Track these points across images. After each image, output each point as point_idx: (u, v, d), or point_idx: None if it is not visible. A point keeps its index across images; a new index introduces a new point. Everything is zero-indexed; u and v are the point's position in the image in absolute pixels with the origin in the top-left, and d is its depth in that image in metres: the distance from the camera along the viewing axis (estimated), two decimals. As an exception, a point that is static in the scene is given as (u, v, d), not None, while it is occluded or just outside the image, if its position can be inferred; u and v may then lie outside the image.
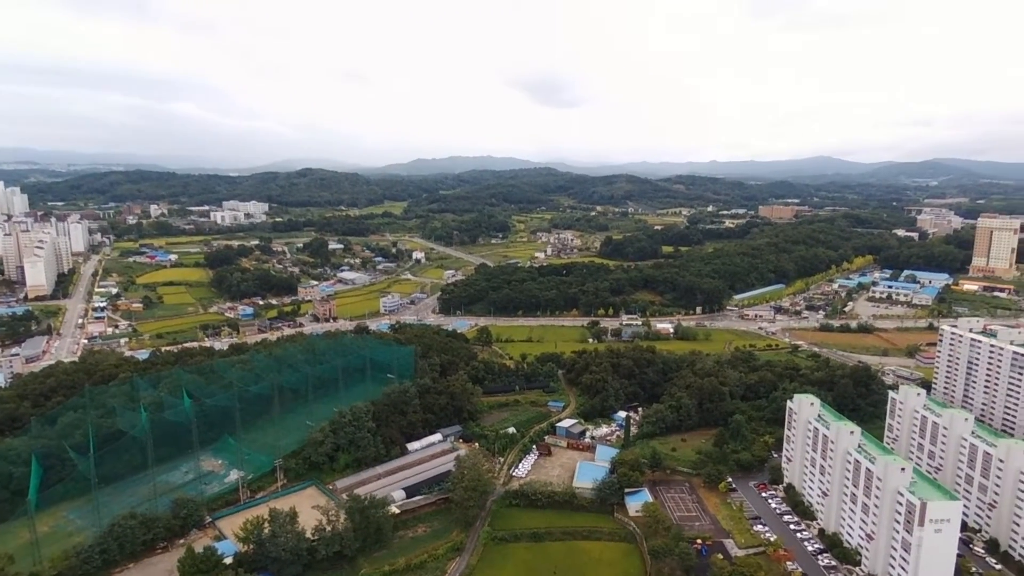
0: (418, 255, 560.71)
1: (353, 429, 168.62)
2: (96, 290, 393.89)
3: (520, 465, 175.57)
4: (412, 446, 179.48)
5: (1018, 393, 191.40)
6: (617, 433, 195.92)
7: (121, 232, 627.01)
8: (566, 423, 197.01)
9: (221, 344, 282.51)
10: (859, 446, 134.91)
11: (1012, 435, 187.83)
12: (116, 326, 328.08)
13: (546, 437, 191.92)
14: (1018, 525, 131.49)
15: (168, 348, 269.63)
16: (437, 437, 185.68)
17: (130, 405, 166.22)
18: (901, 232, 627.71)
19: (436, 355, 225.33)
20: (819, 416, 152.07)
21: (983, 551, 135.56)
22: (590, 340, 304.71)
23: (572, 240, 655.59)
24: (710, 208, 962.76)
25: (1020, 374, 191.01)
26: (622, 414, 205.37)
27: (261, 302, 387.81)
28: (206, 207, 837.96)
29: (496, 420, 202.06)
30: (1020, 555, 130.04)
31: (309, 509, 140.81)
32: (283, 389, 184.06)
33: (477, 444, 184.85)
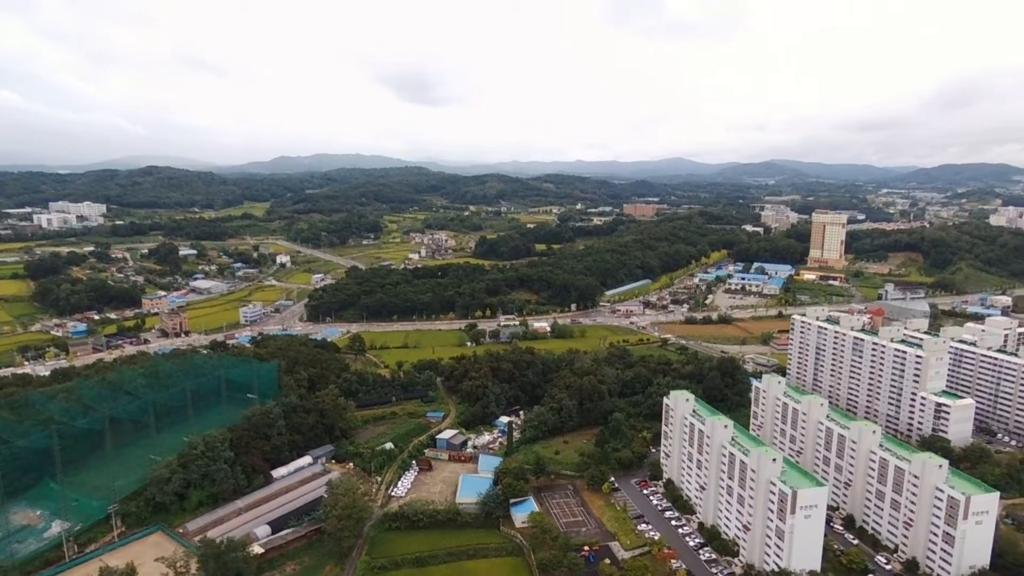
0: (283, 259, 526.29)
1: (207, 461, 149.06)
2: None
3: (399, 483, 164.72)
4: (278, 473, 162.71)
5: (859, 375, 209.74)
6: (500, 440, 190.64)
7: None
8: (447, 434, 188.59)
9: (45, 368, 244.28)
10: (733, 439, 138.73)
11: (855, 413, 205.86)
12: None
13: (426, 451, 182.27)
14: (870, 501, 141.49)
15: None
16: (307, 460, 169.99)
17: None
18: (749, 227, 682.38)
19: (303, 369, 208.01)
20: (694, 411, 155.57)
21: (842, 528, 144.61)
22: (468, 343, 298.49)
23: (447, 240, 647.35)
24: (579, 206, 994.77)
25: (860, 357, 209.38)
26: (504, 420, 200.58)
27: (97, 317, 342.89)
28: (28, 209, 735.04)
29: (372, 435, 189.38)
30: (874, 529, 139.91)
31: (153, 561, 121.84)
32: (118, 420, 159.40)
33: (352, 464, 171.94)
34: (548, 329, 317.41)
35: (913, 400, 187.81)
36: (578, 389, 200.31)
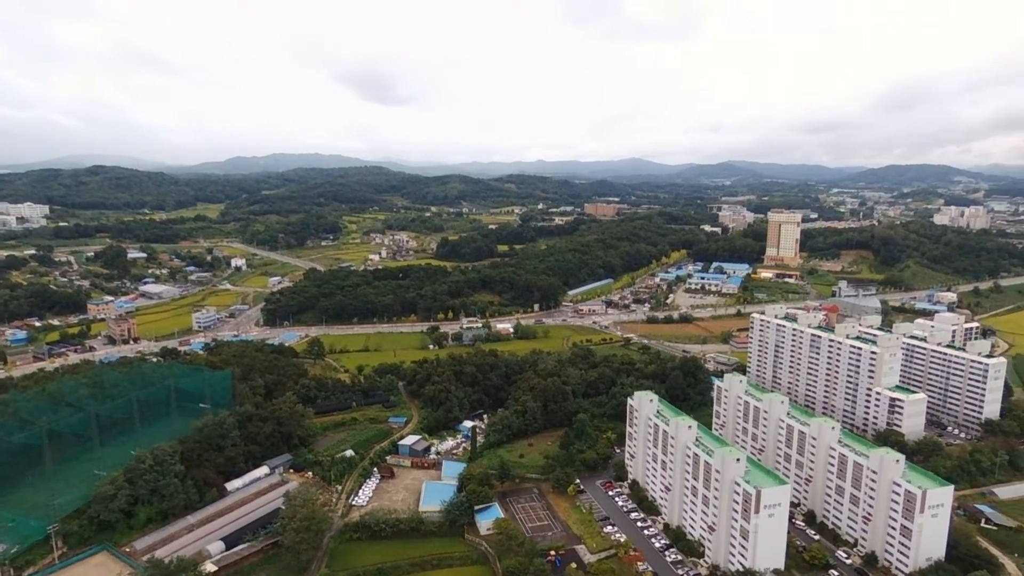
0: (238, 262, 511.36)
1: (155, 475, 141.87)
2: None
3: (360, 492, 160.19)
4: (233, 485, 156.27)
5: (816, 371, 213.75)
6: (464, 445, 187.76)
7: None
8: (409, 440, 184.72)
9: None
10: (697, 440, 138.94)
11: (813, 409, 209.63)
12: None
13: (388, 457, 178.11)
14: (830, 497, 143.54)
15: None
16: (263, 471, 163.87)
17: None
18: (707, 227, 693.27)
19: (259, 376, 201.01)
20: (658, 412, 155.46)
21: (803, 524, 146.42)
22: (431, 346, 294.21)
23: (408, 241, 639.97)
24: (540, 206, 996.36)
25: (817, 354, 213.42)
26: (468, 424, 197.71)
27: (38, 324, 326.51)
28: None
29: (332, 443, 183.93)
30: (834, 524, 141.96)
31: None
32: (59, 434, 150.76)
33: (311, 473, 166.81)
34: (511, 330, 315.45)
35: (868, 395, 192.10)
36: (542, 391, 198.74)
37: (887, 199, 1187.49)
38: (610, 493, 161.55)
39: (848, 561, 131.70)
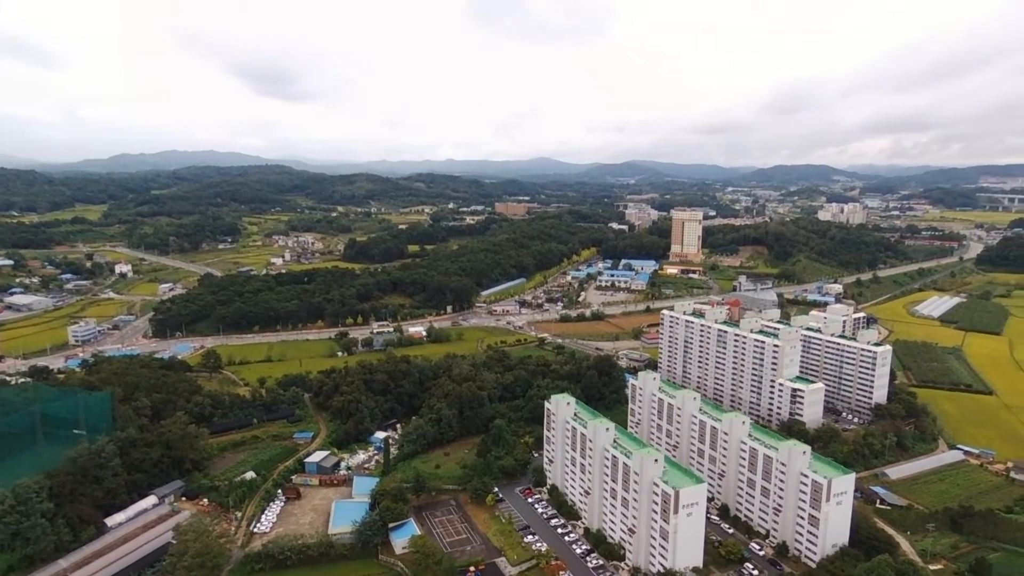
0: (123, 268, 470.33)
1: (17, 516, 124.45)
2: None
3: (263, 517, 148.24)
4: (114, 520, 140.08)
5: (723, 365, 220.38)
6: (376, 458, 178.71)
7: None
8: (316, 456, 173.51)
9: None
10: (615, 441, 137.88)
11: (721, 402, 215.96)
12: None
13: (294, 477, 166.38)
14: (742, 490, 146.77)
15: None
16: (150, 501, 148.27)
17: None
18: (615, 225, 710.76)
19: (145, 395, 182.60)
20: (575, 415, 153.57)
21: (718, 518, 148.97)
22: (340, 353, 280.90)
23: (313, 243, 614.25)
24: (451, 205, 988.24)
25: (723, 348, 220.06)
26: (380, 435, 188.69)
27: None
28: None
29: (230, 465, 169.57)
30: (747, 517, 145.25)
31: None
32: None
33: (206, 500, 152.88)
34: (424, 334, 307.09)
35: (772, 387, 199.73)
36: (457, 397, 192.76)
37: (776, 197, 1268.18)
38: (529, 500, 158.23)
39: (761, 553, 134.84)
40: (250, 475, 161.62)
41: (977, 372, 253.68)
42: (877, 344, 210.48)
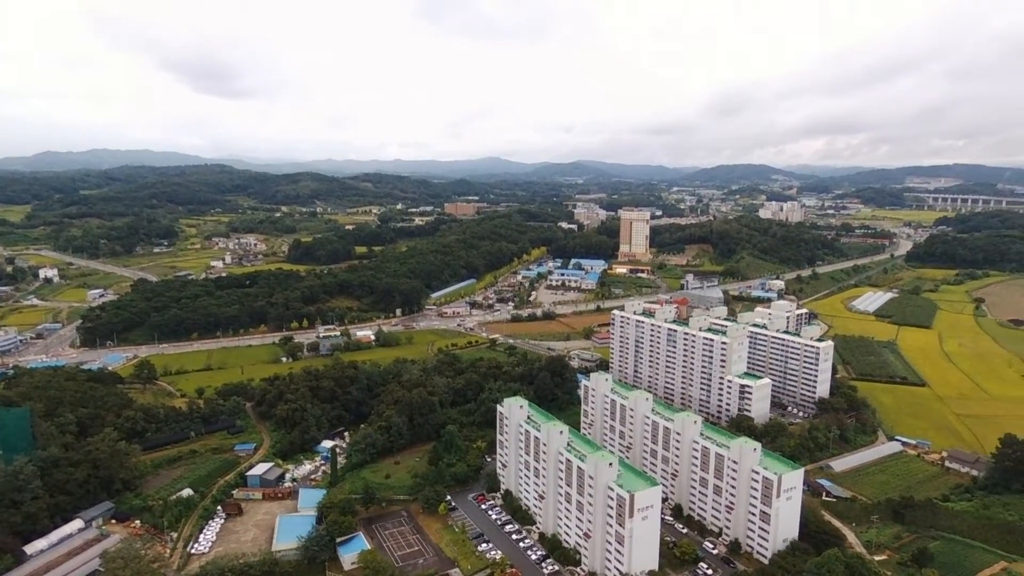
0: (48, 273, 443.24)
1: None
2: None
3: (201, 537, 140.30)
4: (35, 547, 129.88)
5: (673, 363, 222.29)
6: (323, 468, 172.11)
7: None
8: (259, 469, 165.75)
9: None
10: (569, 445, 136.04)
11: (672, 401, 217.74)
12: None
13: (235, 492, 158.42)
14: (695, 489, 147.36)
15: None
16: (76, 526, 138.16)
17: None
18: (565, 225, 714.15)
19: (70, 410, 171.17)
20: (529, 418, 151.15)
21: (671, 518, 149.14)
22: (284, 359, 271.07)
23: (256, 245, 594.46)
24: (399, 206, 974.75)
25: (673, 347, 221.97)
26: (327, 444, 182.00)
27: None
28: None
29: (166, 482, 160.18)
30: (700, 516, 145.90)
31: None
32: None
33: (138, 522, 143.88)
34: (372, 338, 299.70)
35: (721, 383, 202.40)
36: (407, 403, 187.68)
37: (719, 196, 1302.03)
38: (483, 507, 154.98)
39: (715, 552, 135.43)
40: (187, 492, 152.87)
41: (911, 365, 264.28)
42: (820, 340, 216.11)
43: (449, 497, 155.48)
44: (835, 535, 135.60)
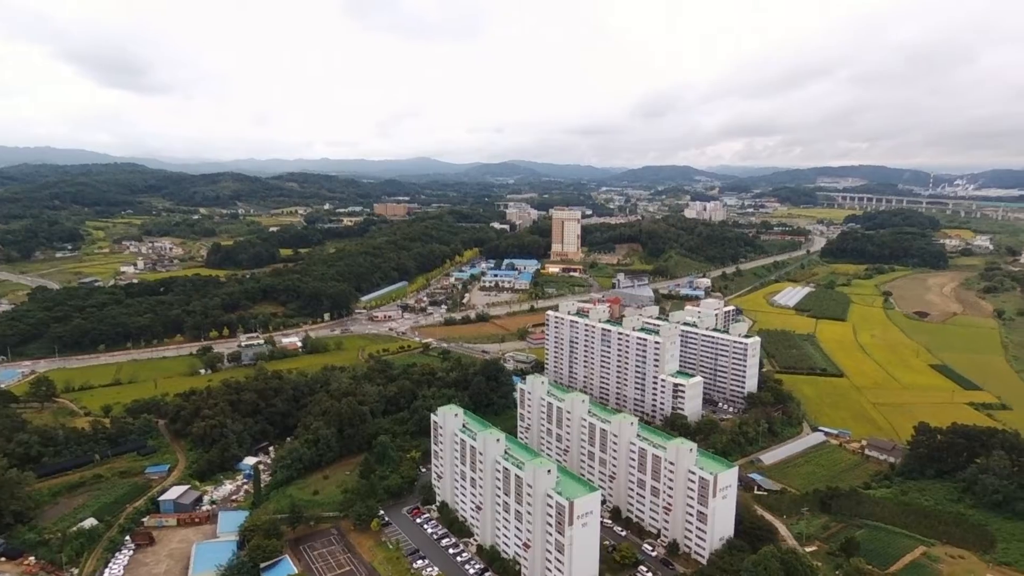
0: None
1: None
2: None
3: (107, 572, 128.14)
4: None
5: (608, 364, 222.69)
6: (246, 488, 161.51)
7: None
8: (173, 492, 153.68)
9: None
10: (506, 453, 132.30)
11: (607, 401, 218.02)
12: None
13: (145, 519, 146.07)
14: (632, 491, 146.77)
15: None
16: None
17: None
18: (497, 225, 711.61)
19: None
20: (464, 426, 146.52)
21: (610, 521, 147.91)
22: (203, 371, 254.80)
23: (171, 249, 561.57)
24: (327, 206, 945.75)
25: (608, 347, 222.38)
26: (250, 461, 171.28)
27: None
28: None
29: (65, 512, 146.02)
30: (638, 518, 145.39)
31: None
32: None
33: (32, 559, 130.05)
34: (299, 345, 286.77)
35: (655, 383, 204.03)
36: (336, 414, 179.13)
37: (646, 196, 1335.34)
38: (418, 520, 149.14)
39: (653, 553, 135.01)
40: (90, 522, 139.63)
41: (829, 356, 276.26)
42: (747, 336, 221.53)
43: (382, 512, 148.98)
44: (768, 529, 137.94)
